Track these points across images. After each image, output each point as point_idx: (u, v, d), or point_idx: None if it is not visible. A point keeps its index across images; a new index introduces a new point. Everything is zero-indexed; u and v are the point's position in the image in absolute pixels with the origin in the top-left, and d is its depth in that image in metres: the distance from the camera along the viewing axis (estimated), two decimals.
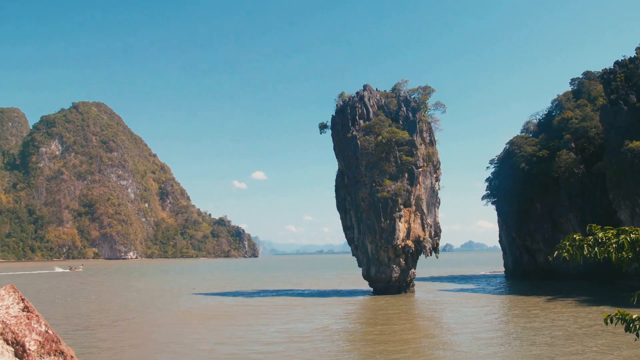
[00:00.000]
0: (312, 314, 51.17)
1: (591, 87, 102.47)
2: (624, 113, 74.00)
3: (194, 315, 51.11)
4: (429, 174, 72.77)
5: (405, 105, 75.10)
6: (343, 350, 33.76)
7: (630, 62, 79.75)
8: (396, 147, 69.76)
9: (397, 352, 31.65)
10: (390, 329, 40.75)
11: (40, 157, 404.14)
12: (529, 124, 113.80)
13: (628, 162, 69.49)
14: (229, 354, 32.18)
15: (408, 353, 31.63)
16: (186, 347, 34.79)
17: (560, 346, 32.64)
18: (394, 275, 67.75)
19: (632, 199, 68.82)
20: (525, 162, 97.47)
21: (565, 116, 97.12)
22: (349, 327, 44.82)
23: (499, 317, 49.21)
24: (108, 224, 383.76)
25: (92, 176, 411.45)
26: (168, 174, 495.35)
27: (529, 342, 34.15)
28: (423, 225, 70.18)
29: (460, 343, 34.98)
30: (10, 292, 4.52)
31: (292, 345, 34.43)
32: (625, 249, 7.29)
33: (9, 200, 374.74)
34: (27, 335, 4.09)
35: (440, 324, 45.78)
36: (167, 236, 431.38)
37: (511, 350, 32.43)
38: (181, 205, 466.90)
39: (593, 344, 33.00)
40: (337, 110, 75.92)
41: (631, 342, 31.69)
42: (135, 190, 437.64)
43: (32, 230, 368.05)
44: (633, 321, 7.25)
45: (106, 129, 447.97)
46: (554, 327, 40.31)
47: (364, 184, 69.65)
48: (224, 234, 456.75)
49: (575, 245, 7.59)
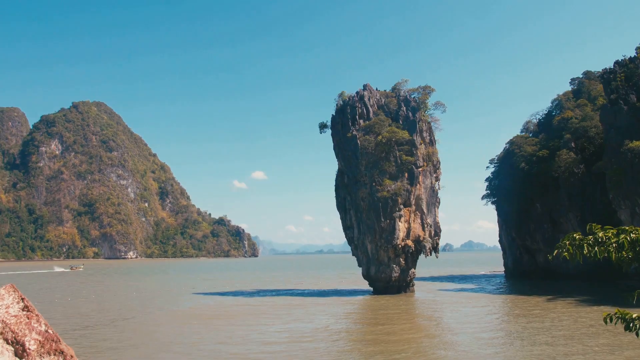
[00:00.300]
0: (312, 313, 51.19)
1: (591, 87, 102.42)
2: (624, 113, 73.98)
3: (194, 315, 51.11)
4: (429, 173, 72.78)
5: (405, 105, 75.09)
6: (343, 350, 33.75)
7: (630, 62, 79.71)
8: (396, 146, 69.76)
9: (397, 352, 31.65)
10: (390, 329, 40.76)
11: (40, 157, 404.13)
12: (529, 124, 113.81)
13: (628, 162, 69.48)
14: (229, 354, 32.18)
15: (408, 353, 31.63)
16: (186, 346, 34.79)
17: (561, 346, 32.65)
18: (394, 275, 67.76)
19: (632, 199, 68.81)
20: (525, 162, 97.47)
21: (565, 116, 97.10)
22: (349, 327, 44.83)
23: (499, 317, 49.20)
24: (108, 224, 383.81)
25: (92, 176, 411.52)
26: (168, 173, 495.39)
27: (530, 342, 34.16)
28: (423, 225, 70.19)
29: (461, 343, 34.98)
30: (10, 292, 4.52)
31: (292, 346, 34.44)
32: (625, 248, 7.29)
33: (9, 200, 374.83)
34: (27, 334, 4.09)
35: (440, 323, 45.78)
36: (167, 236, 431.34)
37: (512, 350, 32.43)
38: (181, 205, 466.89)
39: (594, 343, 33.00)
40: (337, 110, 75.93)
41: (632, 342, 31.71)
42: (135, 189, 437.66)
43: (32, 230, 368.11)
44: (633, 320, 7.25)
45: (106, 129, 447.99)
46: (555, 327, 40.32)
47: (364, 184, 69.65)
48: (224, 234, 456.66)
49: (575, 244, 7.58)
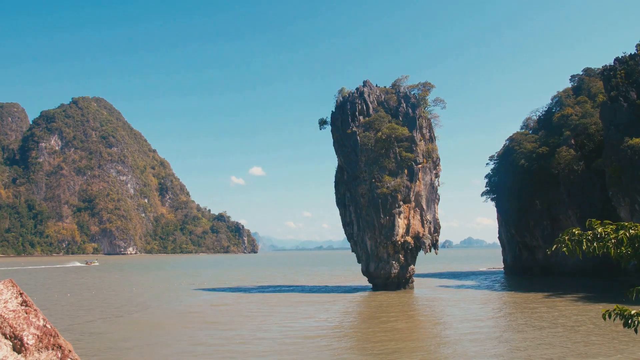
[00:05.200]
0: (312, 309, 51.25)
1: (591, 84, 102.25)
2: (623, 110, 73.90)
3: (194, 311, 51.18)
4: (429, 170, 72.77)
5: (405, 101, 75.00)
6: (343, 347, 33.81)
7: (631, 59, 79.56)
8: (396, 143, 69.72)
9: (396, 348, 31.70)
10: (389, 325, 40.82)
11: (39, 152, 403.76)
12: (529, 121, 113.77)
13: (628, 159, 69.46)
14: (229, 352, 32.22)
15: (408, 349, 31.69)
16: (186, 343, 34.84)
17: (561, 342, 32.70)
18: (393, 271, 67.84)
19: (632, 196, 68.81)
20: (524, 159, 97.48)
21: (565, 113, 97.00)
22: (348, 323, 44.91)
23: (498, 314, 49.29)
24: (107, 219, 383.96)
25: (92, 171, 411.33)
26: (167, 169, 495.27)
27: (529, 339, 34.22)
28: (422, 222, 70.24)
29: (460, 339, 35.02)
30: (9, 286, 4.51)
31: (291, 342, 34.47)
32: (624, 244, 7.29)
33: (8, 196, 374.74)
34: (25, 329, 4.08)
35: (439, 319, 45.86)
36: (167, 232, 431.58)
37: (511, 346, 32.49)
38: (181, 201, 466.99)
39: (595, 340, 33.08)
40: (336, 106, 75.84)
41: (632, 338, 31.78)
42: (135, 185, 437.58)
43: (31, 226, 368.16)
44: (632, 316, 7.25)
45: (106, 124, 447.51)
46: (554, 323, 40.39)
47: (363, 180, 69.64)
48: (224, 230, 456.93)
49: (574, 239, 7.57)
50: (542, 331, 36.76)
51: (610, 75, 79.20)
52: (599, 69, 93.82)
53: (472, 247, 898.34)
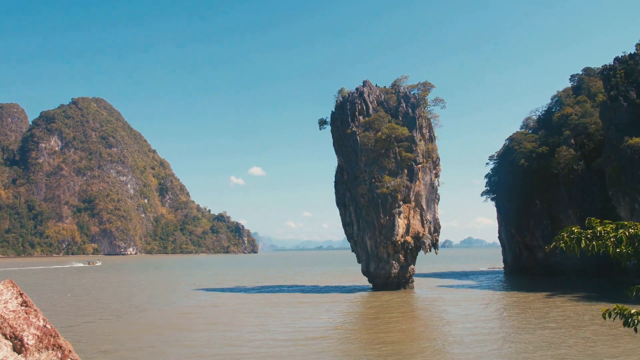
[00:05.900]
0: (313, 310, 51.23)
1: (591, 84, 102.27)
2: (623, 109, 73.93)
3: (194, 312, 51.16)
4: (429, 170, 72.76)
5: (405, 101, 74.98)
6: (343, 348, 33.76)
7: (630, 59, 79.60)
8: (396, 143, 69.72)
9: (397, 349, 31.68)
10: (390, 325, 40.82)
11: (39, 153, 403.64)
12: (529, 120, 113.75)
13: (627, 158, 69.50)
14: (230, 353, 32.20)
15: (409, 349, 31.67)
16: (186, 344, 34.82)
17: (561, 341, 32.69)
18: (393, 271, 67.84)
19: (632, 196, 68.85)
20: (524, 159, 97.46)
21: (565, 112, 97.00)
22: (348, 323, 44.89)
23: (498, 313, 49.29)
24: (107, 220, 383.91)
25: (92, 172, 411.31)
26: (167, 169, 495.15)
27: (530, 338, 34.21)
28: (422, 222, 70.23)
29: (460, 338, 35.00)
30: (9, 287, 4.51)
31: (292, 343, 34.45)
32: (623, 243, 7.29)
33: (8, 196, 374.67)
34: (25, 329, 4.09)
35: (439, 319, 45.84)
36: (167, 232, 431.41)
37: (512, 346, 32.47)
38: (181, 201, 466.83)
39: (595, 339, 33.06)
40: (336, 106, 75.82)
41: (632, 337, 31.77)
42: (135, 186, 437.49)
43: (31, 226, 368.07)
44: (632, 316, 7.25)
45: (106, 125, 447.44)
46: (555, 322, 40.38)
47: (363, 180, 69.64)
48: (224, 230, 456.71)
49: (573, 237, 7.57)
50: (544, 330, 36.75)
51: (610, 75, 79.23)
52: (598, 69, 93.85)
53: (472, 247, 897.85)
